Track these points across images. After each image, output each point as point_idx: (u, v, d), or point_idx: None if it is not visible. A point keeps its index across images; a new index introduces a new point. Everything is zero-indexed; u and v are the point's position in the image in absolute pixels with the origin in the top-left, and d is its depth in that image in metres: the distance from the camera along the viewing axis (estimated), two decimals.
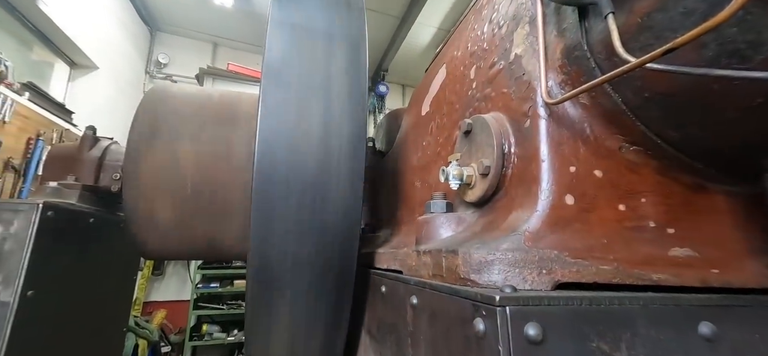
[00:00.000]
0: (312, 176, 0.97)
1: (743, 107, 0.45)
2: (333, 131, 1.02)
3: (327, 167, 1.00)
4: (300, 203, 0.96)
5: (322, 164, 0.99)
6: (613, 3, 0.52)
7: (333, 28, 1.15)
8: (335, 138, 1.01)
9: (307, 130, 1.00)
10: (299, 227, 0.96)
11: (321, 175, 0.98)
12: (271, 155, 0.95)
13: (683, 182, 0.61)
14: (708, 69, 0.42)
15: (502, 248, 0.57)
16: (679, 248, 0.56)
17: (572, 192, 0.60)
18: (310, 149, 0.98)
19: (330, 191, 0.99)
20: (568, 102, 0.63)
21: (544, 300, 0.47)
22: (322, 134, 1.00)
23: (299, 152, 0.97)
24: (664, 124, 0.55)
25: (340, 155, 1.01)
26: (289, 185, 0.96)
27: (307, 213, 0.96)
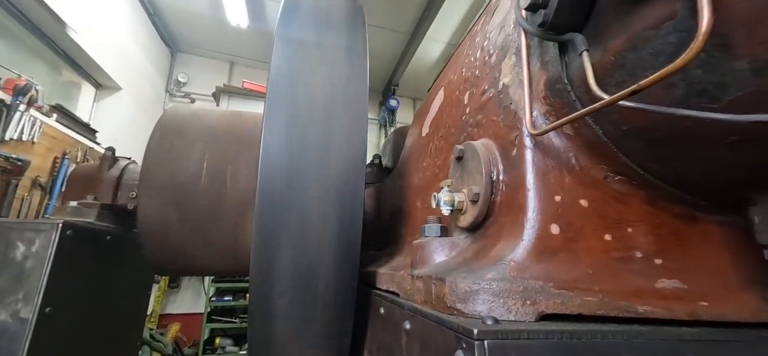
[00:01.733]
0: (314, 199, 1.00)
1: (719, 143, 0.45)
2: (333, 154, 1.05)
3: (327, 189, 1.02)
4: (301, 224, 0.99)
5: (323, 187, 1.02)
6: (587, 41, 0.53)
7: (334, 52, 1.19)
8: (336, 161, 1.04)
9: (309, 152, 1.03)
10: (301, 248, 0.98)
11: (322, 197, 1.00)
12: (272, 177, 0.98)
13: (672, 211, 0.61)
14: (675, 109, 0.42)
15: (488, 277, 0.57)
16: (667, 280, 0.56)
17: (558, 222, 0.60)
18: (311, 172, 1.01)
19: (330, 213, 1.02)
20: (553, 133, 0.64)
21: (523, 333, 0.48)
22: (323, 157, 1.03)
23: (301, 175, 1.01)
24: (645, 156, 0.55)
25: (340, 178, 1.03)
26: (291, 207, 0.99)
27: (309, 234, 0.99)
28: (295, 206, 0.98)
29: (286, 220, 0.97)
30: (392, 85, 6.29)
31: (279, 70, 1.17)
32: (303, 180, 1.00)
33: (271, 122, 1.05)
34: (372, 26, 5.17)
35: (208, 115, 1.56)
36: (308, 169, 1.01)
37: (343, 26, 1.22)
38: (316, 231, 0.99)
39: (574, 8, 0.53)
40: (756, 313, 0.54)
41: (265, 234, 0.96)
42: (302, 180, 1.00)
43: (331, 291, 1.01)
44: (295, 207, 0.98)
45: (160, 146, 1.41)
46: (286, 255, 0.97)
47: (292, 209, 0.98)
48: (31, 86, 2.72)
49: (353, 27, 1.22)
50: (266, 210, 0.97)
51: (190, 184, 1.35)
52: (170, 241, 1.37)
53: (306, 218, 0.98)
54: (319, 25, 1.19)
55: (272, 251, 0.97)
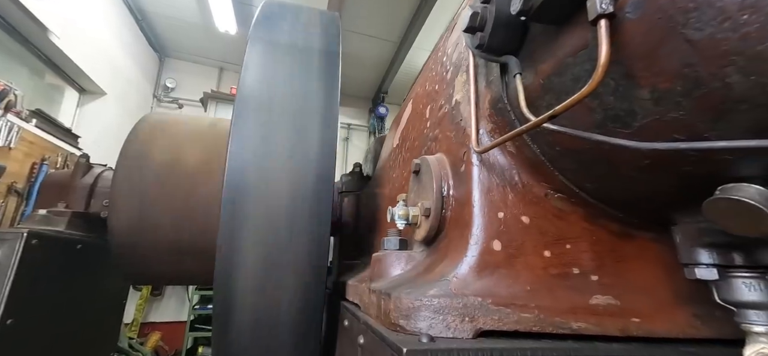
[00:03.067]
0: (280, 209, 0.99)
1: (635, 166, 0.46)
2: (303, 162, 1.04)
3: (295, 199, 1.02)
4: (266, 236, 0.99)
5: (291, 196, 1.01)
6: (522, 64, 0.55)
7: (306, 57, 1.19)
8: (304, 172, 1.04)
9: (277, 161, 1.03)
10: (265, 259, 0.98)
11: (289, 208, 1.00)
12: (238, 185, 0.98)
13: (610, 229, 0.62)
14: (589, 133, 0.44)
15: (429, 294, 0.58)
16: (601, 296, 0.57)
17: (500, 238, 0.61)
18: (279, 180, 1.01)
19: (297, 224, 1.01)
20: (497, 150, 0.65)
21: (454, 352, 0.48)
22: (291, 166, 1.03)
23: (268, 184, 1.00)
24: (578, 176, 0.56)
25: (308, 189, 1.03)
26: (256, 217, 0.99)
27: (274, 245, 0.98)
28: (261, 215, 0.98)
29: (251, 228, 0.97)
30: (381, 93, 6.33)
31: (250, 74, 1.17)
32: (270, 188, 1.00)
33: (240, 129, 1.05)
34: (362, 34, 5.22)
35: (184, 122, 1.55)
36: (276, 177, 1.01)
37: (318, 33, 1.22)
38: (282, 242, 0.98)
39: (508, 33, 0.55)
40: (685, 329, 0.55)
41: (229, 244, 0.95)
42: (269, 188, 1.00)
43: (295, 307, 1.00)
44: (260, 216, 0.98)
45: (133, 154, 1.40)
46: (251, 266, 0.96)
47: (257, 218, 0.98)
48: (9, 91, 2.68)
49: (327, 34, 1.23)
50: (231, 218, 0.97)
51: (162, 193, 1.35)
52: (141, 250, 1.36)
53: (272, 228, 0.98)
54: (293, 31, 1.20)
55: (235, 262, 0.96)
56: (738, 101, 0.34)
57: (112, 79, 4.43)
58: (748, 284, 0.46)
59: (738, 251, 0.46)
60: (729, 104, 0.34)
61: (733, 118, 0.35)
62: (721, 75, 0.33)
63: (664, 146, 0.37)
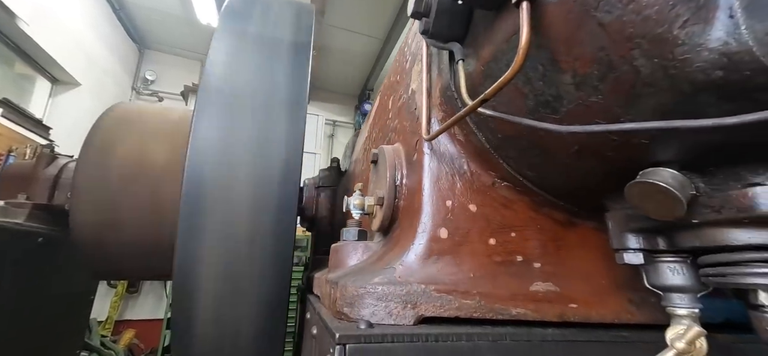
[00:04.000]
0: (243, 204, 0.97)
1: (566, 152, 0.47)
2: (268, 156, 1.02)
3: (260, 194, 1.00)
4: (228, 230, 0.96)
5: (255, 191, 0.99)
6: (466, 51, 0.55)
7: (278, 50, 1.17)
8: (270, 163, 1.02)
9: (242, 152, 1.01)
10: (227, 254, 0.96)
11: (253, 203, 0.98)
12: (200, 179, 0.96)
13: (555, 218, 0.63)
14: (520, 118, 0.44)
15: (373, 282, 0.58)
16: (542, 283, 0.58)
17: (447, 226, 0.62)
18: (243, 174, 0.99)
19: (261, 219, 0.98)
20: (447, 139, 0.66)
21: (387, 337, 0.48)
22: (256, 160, 1.01)
23: (231, 177, 0.98)
24: (519, 163, 0.57)
25: (273, 181, 1.01)
26: (217, 212, 0.96)
27: (237, 239, 0.96)
28: (222, 210, 0.96)
29: (212, 223, 0.95)
30: (367, 90, 6.31)
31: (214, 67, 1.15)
32: (233, 181, 0.98)
33: (202, 119, 1.02)
34: (347, 30, 5.19)
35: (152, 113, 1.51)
36: (239, 169, 0.99)
37: (289, 24, 1.20)
38: (245, 237, 0.96)
39: (452, 18, 0.55)
40: (620, 314, 0.57)
41: (189, 241, 0.93)
42: (232, 181, 0.98)
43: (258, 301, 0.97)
44: (222, 210, 0.96)
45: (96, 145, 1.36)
46: (211, 261, 0.94)
47: (219, 213, 0.96)
48: None
49: (298, 25, 1.21)
50: (191, 212, 0.95)
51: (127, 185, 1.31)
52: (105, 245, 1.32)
53: (233, 223, 0.96)
54: (263, 21, 1.18)
55: (195, 258, 0.94)
56: (645, 84, 0.34)
57: (86, 70, 4.28)
58: (672, 268, 0.47)
59: (662, 236, 0.47)
60: (638, 88, 0.35)
61: (642, 102, 0.35)
62: (629, 58, 0.34)
63: (581, 129, 0.37)
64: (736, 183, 0.36)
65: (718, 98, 0.31)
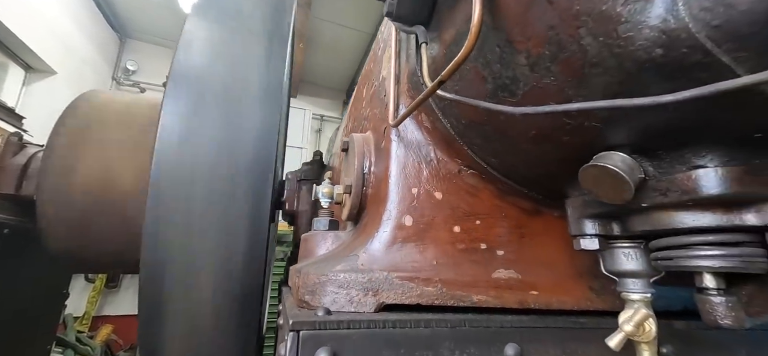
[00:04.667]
0: (214, 196, 0.95)
1: (525, 137, 0.47)
2: (240, 148, 1.00)
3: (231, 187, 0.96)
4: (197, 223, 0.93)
5: (226, 182, 0.96)
6: (431, 34, 0.54)
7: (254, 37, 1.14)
8: (243, 155, 0.99)
9: (211, 145, 0.98)
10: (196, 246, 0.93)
11: (224, 194, 0.95)
12: (167, 172, 0.93)
13: (520, 206, 0.63)
14: (477, 101, 0.44)
15: (335, 269, 0.57)
16: (504, 270, 0.58)
17: (412, 213, 0.61)
18: (212, 167, 0.96)
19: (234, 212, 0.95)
20: (415, 127, 0.65)
21: (343, 323, 0.47)
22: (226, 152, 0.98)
23: (201, 170, 0.95)
24: (484, 150, 0.57)
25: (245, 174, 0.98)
26: (184, 204, 0.93)
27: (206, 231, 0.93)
28: (190, 202, 0.93)
29: (179, 215, 0.92)
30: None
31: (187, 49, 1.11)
32: (202, 174, 0.95)
33: (171, 109, 0.99)
34: (336, 24, 5.13)
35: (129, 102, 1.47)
36: (210, 161, 0.96)
37: (268, 8, 1.17)
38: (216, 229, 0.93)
39: (416, 1, 0.54)
40: (580, 301, 0.57)
41: (155, 235, 0.90)
42: (201, 174, 0.95)
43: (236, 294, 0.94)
44: (190, 203, 0.93)
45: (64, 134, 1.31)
46: (178, 256, 0.91)
47: (186, 205, 0.93)
48: None
49: (277, 13, 1.18)
50: (159, 204, 0.91)
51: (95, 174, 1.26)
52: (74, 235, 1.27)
53: (204, 215, 0.93)
54: (240, 5, 1.14)
55: (163, 252, 0.91)
56: (593, 64, 0.34)
57: (63, 58, 4.13)
58: (626, 253, 0.48)
59: (617, 221, 0.47)
60: (587, 69, 0.35)
61: (591, 82, 0.35)
62: (577, 37, 0.34)
63: (532, 110, 0.37)
64: (682, 166, 0.36)
65: (660, 76, 0.31)
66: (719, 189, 0.34)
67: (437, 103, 0.58)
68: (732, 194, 0.34)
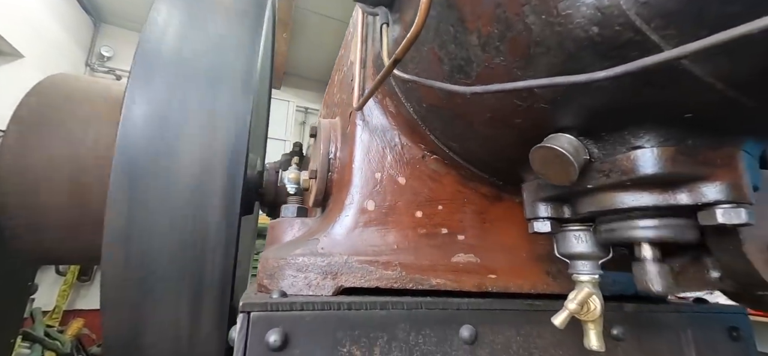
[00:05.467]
0: (180, 184, 0.91)
1: (481, 121, 0.47)
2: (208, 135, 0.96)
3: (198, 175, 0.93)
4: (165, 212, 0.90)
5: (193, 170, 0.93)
6: (394, 15, 0.54)
7: None
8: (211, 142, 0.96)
9: (179, 132, 0.95)
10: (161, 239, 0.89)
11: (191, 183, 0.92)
12: (132, 155, 0.89)
13: (482, 192, 0.64)
14: (431, 82, 0.44)
15: (294, 253, 0.56)
16: (464, 254, 0.58)
17: (374, 198, 0.61)
18: (181, 152, 0.93)
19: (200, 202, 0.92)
20: (380, 112, 0.65)
21: (296, 305, 0.47)
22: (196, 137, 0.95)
23: (168, 157, 0.92)
24: (445, 134, 0.57)
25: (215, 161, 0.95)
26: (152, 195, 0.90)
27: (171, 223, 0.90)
28: (155, 191, 0.90)
29: (144, 205, 0.89)
30: None
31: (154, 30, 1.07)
32: (168, 159, 0.92)
33: (136, 91, 0.96)
34: (320, 14, 5.06)
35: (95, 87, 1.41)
36: (176, 147, 0.93)
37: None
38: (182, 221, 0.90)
39: None
40: (536, 285, 0.58)
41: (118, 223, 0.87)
42: (167, 159, 0.92)
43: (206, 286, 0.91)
44: (154, 192, 0.90)
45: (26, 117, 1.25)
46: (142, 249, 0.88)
47: (151, 194, 0.89)
48: None
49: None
50: (121, 190, 0.88)
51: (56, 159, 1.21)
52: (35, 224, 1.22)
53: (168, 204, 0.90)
54: None
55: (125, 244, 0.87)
56: (537, 43, 0.34)
57: (31, 41, 3.94)
58: (577, 236, 0.49)
59: (567, 204, 0.48)
60: (532, 48, 0.35)
61: (536, 62, 0.35)
62: (521, 15, 0.34)
63: (481, 89, 0.37)
64: (622, 147, 0.37)
65: (597, 55, 0.31)
66: (654, 169, 0.35)
67: (400, 86, 0.58)
68: (666, 174, 0.35)
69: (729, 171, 0.34)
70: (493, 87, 0.36)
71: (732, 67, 0.26)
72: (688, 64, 0.28)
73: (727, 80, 0.27)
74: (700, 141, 0.34)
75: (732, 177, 0.33)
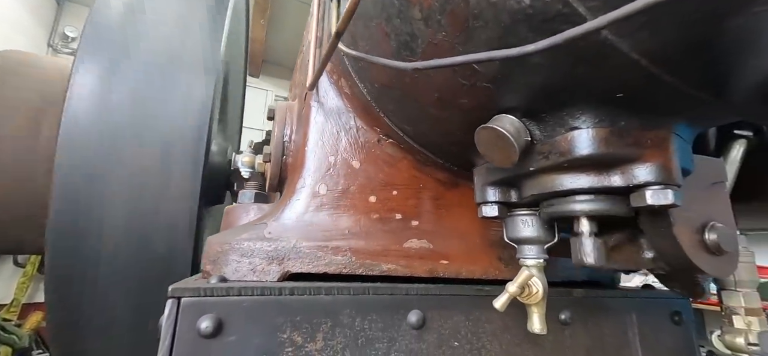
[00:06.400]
0: (133, 168, 0.86)
1: (430, 102, 0.46)
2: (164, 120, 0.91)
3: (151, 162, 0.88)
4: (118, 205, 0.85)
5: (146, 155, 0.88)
6: None
7: None
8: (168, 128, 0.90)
9: (130, 112, 0.89)
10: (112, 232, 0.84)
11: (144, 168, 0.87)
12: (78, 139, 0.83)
13: (437, 177, 0.63)
14: (373, 57, 0.42)
15: (239, 238, 0.54)
16: (417, 240, 0.57)
17: (327, 182, 0.59)
18: (133, 136, 0.87)
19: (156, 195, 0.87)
20: (335, 93, 0.62)
21: (233, 290, 0.45)
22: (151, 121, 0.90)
23: (117, 139, 0.86)
24: (398, 117, 0.55)
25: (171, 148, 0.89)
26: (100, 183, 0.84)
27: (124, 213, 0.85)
28: (104, 178, 0.84)
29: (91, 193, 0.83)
30: None
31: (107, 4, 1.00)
32: (118, 143, 0.86)
33: (85, 70, 0.89)
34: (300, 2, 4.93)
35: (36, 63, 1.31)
36: (128, 132, 0.88)
37: None
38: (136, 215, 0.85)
39: None
40: (488, 270, 0.58)
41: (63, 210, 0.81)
42: (117, 143, 0.86)
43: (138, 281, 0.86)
44: (104, 178, 0.84)
45: None
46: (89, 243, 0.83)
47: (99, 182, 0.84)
48: None
49: None
50: (66, 176, 0.83)
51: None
52: None
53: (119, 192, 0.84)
54: None
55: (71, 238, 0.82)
56: (475, 16, 0.33)
57: None
58: (524, 220, 0.48)
59: (514, 188, 0.48)
60: (470, 21, 0.34)
61: (476, 36, 0.34)
62: None
63: (422, 64, 0.36)
64: (561, 129, 0.37)
65: (531, 29, 0.30)
66: (589, 150, 0.35)
67: (353, 65, 0.56)
68: (600, 154, 0.34)
69: (659, 153, 0.34)
70: (432, 62, 0.35)
71: (654, 41, 0.26)
72: (613, 38, 0.27)
73: (650, 56, 0.27)
74: (632, 123, 0.34)
75: (661, 159, 0.33)
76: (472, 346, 0.52)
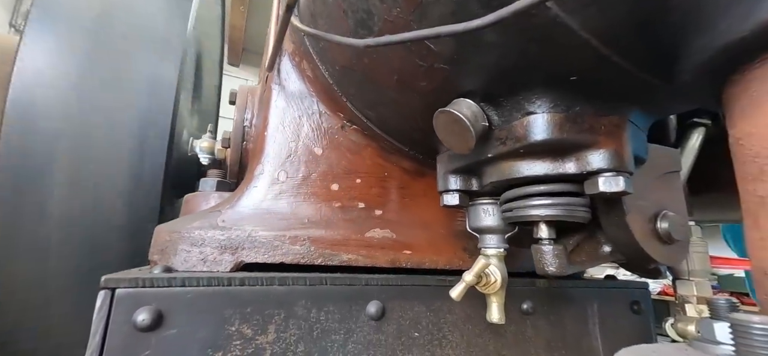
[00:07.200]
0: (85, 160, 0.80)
1: (389, 84, 0.44)
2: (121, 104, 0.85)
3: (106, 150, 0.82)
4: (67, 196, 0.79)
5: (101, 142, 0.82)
6: None
7: None
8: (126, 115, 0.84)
9: (83, 94, 0.83)
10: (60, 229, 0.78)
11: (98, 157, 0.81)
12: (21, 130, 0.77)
13: (403, 166, 0.61)
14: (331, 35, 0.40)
15: (190, 226, 0.50)
16: (380, 230, 0.56)
17: (287, 169, 0.56)
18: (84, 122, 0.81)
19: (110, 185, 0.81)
20: (297, 76, 0.60)
21: (176, 281, 0.42)
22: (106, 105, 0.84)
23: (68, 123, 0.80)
24: (359, 101, 0.53)
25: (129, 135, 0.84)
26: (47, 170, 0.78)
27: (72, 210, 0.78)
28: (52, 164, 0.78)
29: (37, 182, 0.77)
30: None
31: None
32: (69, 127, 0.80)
33: (33, 51, 0.82)
34: None
35: None
36: (80, 116, 0.81)
37: None
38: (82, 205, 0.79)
39: None
40: (452, 261, 0.57)
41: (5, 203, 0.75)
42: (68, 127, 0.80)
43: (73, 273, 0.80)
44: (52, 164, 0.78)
45: None
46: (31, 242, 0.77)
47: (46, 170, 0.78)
48: None
49: None
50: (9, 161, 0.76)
51: None
52: None
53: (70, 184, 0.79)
54: None
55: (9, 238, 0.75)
56: None
57: None
58: (485, 210, 0.48)
59: (475, 176, 0.46)
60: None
61: (430, 13, 0.33)
62: None
63: (373, 41, 0.34)
64: (518, 114, 0.36)
65: (481, 5, 0.29)
66: (544, 135, 0.34)
67: (314, 46, 0.53)
68: (554, 140, 0.34)
69: (612, 139, 0.33)
70: (383, 39, 0.33)
71: (602, 19, 0.25)
72: (563, 15, 0.26)
73: (600, 36, 0.26)
74: (587, 108, 0.33)
75: (614, 145, 0.33)
76: (432, 337, 0.51)
